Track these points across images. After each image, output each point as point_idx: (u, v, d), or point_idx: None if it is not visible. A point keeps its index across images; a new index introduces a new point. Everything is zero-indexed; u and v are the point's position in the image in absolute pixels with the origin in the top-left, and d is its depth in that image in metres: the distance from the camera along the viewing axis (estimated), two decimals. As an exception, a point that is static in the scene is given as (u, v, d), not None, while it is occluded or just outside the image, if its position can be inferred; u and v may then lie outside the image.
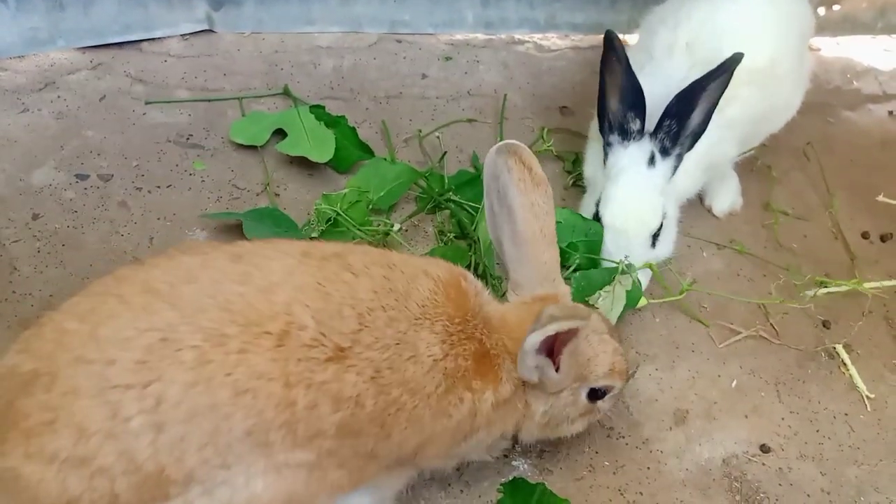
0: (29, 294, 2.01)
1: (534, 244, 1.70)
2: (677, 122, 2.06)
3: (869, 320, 2.27)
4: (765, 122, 2.35)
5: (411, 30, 2.91)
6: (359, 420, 1.43)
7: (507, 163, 1.70)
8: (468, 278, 1.65)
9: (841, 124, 2.88)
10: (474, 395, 1.55)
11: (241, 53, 2.73)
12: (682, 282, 2.25)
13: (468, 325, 1.56)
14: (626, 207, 2.10)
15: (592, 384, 1.71)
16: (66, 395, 1.29)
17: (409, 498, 1.79)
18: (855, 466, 1.98)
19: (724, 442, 1.99)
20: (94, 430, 1.28)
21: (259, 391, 1.34)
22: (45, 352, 1.34)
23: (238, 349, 1.34)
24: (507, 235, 1.72)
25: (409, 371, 1.47)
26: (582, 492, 1.85)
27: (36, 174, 2.28)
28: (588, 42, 3.01)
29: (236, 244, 1.56)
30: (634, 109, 2.08)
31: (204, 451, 1.32)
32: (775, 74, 2.24)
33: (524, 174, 1.70)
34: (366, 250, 1.64)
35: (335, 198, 2.21)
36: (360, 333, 1.44)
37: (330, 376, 1.40)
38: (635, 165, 2.10)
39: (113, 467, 1.28)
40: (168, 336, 1.33)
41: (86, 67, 2.60)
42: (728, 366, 2.14)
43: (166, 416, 1.30)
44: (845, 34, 3.20)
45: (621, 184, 2.10)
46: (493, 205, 1.73)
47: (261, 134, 2.44)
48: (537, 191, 1.71)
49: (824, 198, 2.61)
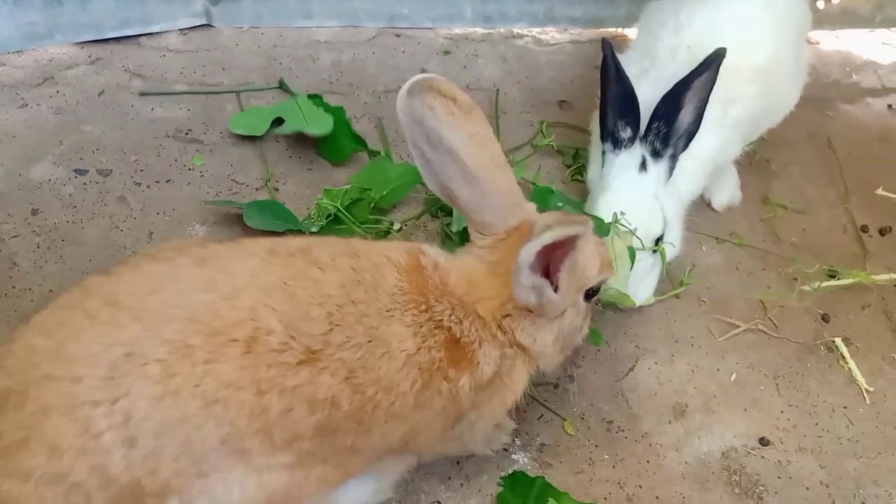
0: (28, 289, 2.01)
1: (490, 175, 1.56)
2: (665, 123, 2.05)
3: (868, 314, 2.28)
4: (765, 119, 2.36)
5: (410, 24, 2.91)
6: (336, 420, 1.41)
7: (427, 101, 1.53)
8: (426, 251, 1.59)
9: (840, 118, 2.88)
10: (451, 385, 1.51)
11: (239, 48, 2.72)
12: (682, 278, 2.25)
13: (435, 311, 1.51)
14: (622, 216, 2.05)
15: (588, 286, 1.65)
16: (37, 413, 1.28)
17: (409, 491, 1.79)
18: (854, 459, 1.99)
19: (724, 435, 1.99)
20: (66, 447, 1.27)
21: (229, 400, 1.32)
22: (16, 369, 1.33)
23: (204, 360, 1.32)
24: (456, 179, 1.57)
25: (382, 369, 1.44)
26: (581, 485, 1.86)
27: (35, 169, 2.27)
28: (587, 36, 3.00)
29: (205, 246, 1.52)
30: (625, 117, 2.07)
31: (178, 461, 1.31)
32: (775, 72, 2.24)
33: (450, 107, 1.54)
34: (331, 241, 1.60)
35: (336, 193, 2.20)
36: (330, 334, 1.40)
37: (303, 380, 1.37)
38: (625, 174, 2.08)
39: (87, 482, 1.27)
40: (133, 350, 1.30)
41: (84, 62, 2.59)
42: (727, 359, 2.14)
43: (137, 430, 1.28)
44: (844, 28, 3.19)
45: (612, 193, 2.08)
46: (426, 153, 1.57)
47: (260, 124, 2.44)
48: (471, 119, 1.56)
49: (822, 192, 2.61)
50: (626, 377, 2.07)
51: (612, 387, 2.05)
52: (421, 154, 1.59)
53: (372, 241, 1.64)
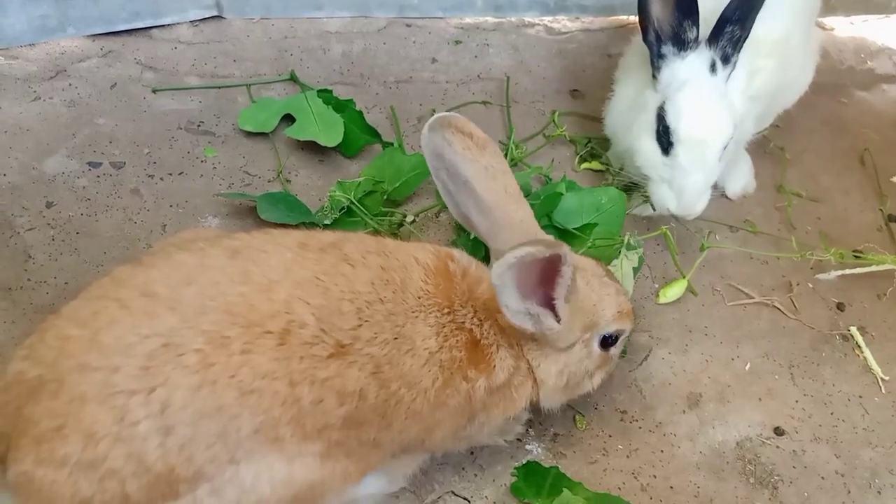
0: (44, 281, 2.02)
1: (502, 205, 1.65)
2: (740, 27, 1.98)
3: (884, 303, 2.26)
4: (780, 97, 2.33)
5: (420, 14, 2.90)
6: (363, 412, 1.45)
7: (446, 137, 1.65)
8: (455, 259, 1.63)
9: (854, 105, 2.85)
10: (469, 384, 1.55)
11: (250, 39, 2.72)
12: (702, 241, 2.24)
13: (458, 314, 1.55)
14: (701, 117, 2.01)
15: (603, 331, 1.67)
16: (73, 401, 1.30)
17: (424, 482, 1.80)
18: (869, 449, 1.98)
19: (738, 425, 1.99)
20: (101, 434, 1.29)
21: (264, 391, 1.35)
22: (49, 358, 1.35)
23: (240, 350, 1.35)
24: (472, 209, 1.68)
25: (406, 365, 1.48)
26: (595, 475, 1.86)
27: (49, 162, 2.28)
28: (598, 24, 2.99)
29: (234, 237, 1.55)
30: (691, 17, 1.99)
31: (212, 449, 1.34)
32: (791, 45, 2.22)
33: (467, 142, 1.65)
34: (361, 238, 1.63)
35: (350, 185, 2.20)
36: (359, 329, 1.44)
37: (333, 372, 1.40)
38: (699, 74, 2.02)
39: (122, 469, 1.30)
40: (170, 341, 1.33)
41: (96, 55, 2.59)
42: (741, 349, 2.13)
43: (173, 419, 1.31)
44: (858, 14, 3.16)
45: (689, 94, 2.01)
46: (447, 184, 1.69)
47: (269, 121, 2.43)
48: (486, 153, 1.66)
49: (837, 180, 2.59)
50: (639, 367, 2.07)
51: (625, 377, 2.04)
52: (443, 184, 1.70)
53: (401, 242, 1.68)
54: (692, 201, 2.07)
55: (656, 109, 2.06)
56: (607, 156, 2.47)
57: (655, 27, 2.04)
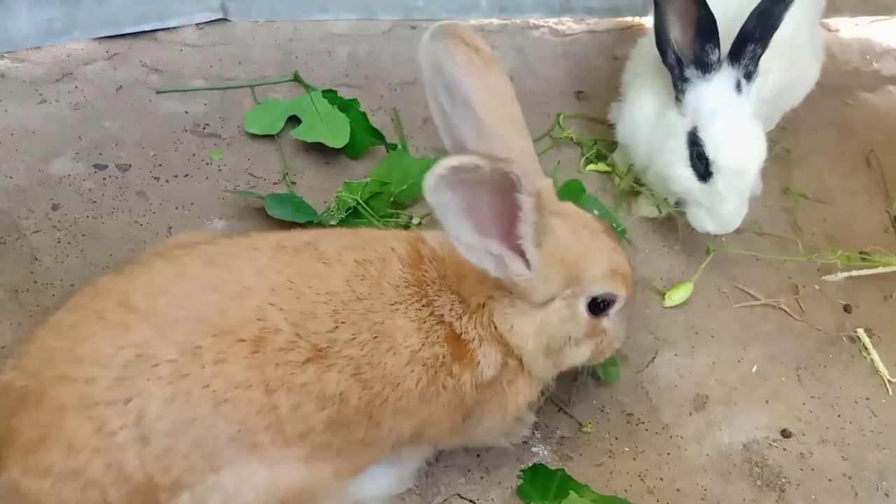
0: (50, 284, 2.03)
1: (504, 133, 1.49)
2: (761, 44, 1.96)
3: (891, 304, 2.26)
4: (786, 96, 2.33)
5: (425, 16, 2.89)
6: (346, 414, 1.43)
7: (448, 47, 1.49)
8: (426, 240, 1.56)
9: (860, 106, 2.85)
10: (454, 381, 1.51)
11: (255, 42, 2.72)
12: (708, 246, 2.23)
13: (436, 306, 1.49)
14: (740, 147, 1.98)
15: (589, 290, 1.51)
16: (54, 412, 1.31)
17: (429, 484, 1.80)
18: (877, 451, 1.97)
19: (745, 427, 1.98)
20: (81, 445, 1.30)
21: (239, 400, 1.34)
22: (33, 369, 1.36)
23: (213, 360, 1.34)
24: (469, 133, 1.51)
25: (388, 365, 1.44)
26: (602, 477, 1.85)
27: (55, 165, 2.29)
28: (604, 26, 2.98)
29: (213, 242, 1.53)
30: (712, 39, 1.96)
31: (189, 458, 1.34)
32: (797, 44, 2.21)
33: (470, 55, 1.49)
34: (339, 233, 1.59)
35: (356, 186, 2.20)
36: (336, 331, 1.41)
37: (310, 377, 1.38)
38: (728, 98, 1.99)
39: (103, 479, 1.31)
40: (144, 352, 1.33)
41: (102, 58, 2.60)
42: (748, 351, 2.13)
43: (150, 429, 1.31)
44: (863, 15, 3.15)
45: (724, 123, 1.97)
46: (443, 104, 1.52)
47: (275, 123, 2.43)
48: (491, 71, 1.50)
49: (843, 181, 2.58)
50: (645, 369, 2.06)
51: (631, 379, 2.04)
52: (439, 106, 1.54)
53: (379, 230, 1.61)
54: (731, 223, 2.07)
55: (686, 135, 2.04)
56: (613, 157, 2.47)
57: (676, 51, 2.01)
